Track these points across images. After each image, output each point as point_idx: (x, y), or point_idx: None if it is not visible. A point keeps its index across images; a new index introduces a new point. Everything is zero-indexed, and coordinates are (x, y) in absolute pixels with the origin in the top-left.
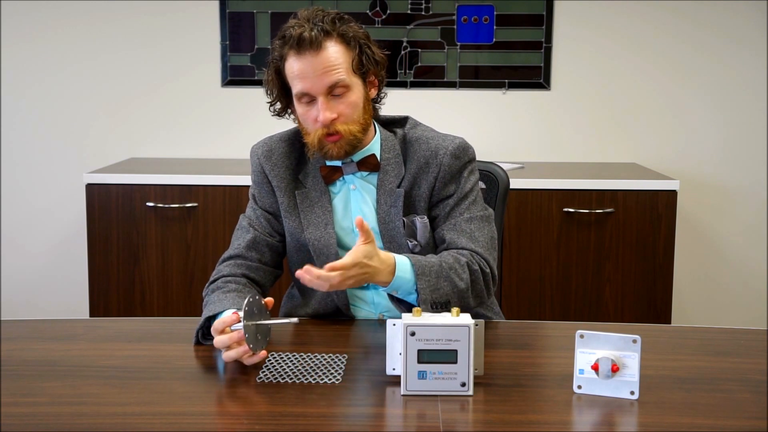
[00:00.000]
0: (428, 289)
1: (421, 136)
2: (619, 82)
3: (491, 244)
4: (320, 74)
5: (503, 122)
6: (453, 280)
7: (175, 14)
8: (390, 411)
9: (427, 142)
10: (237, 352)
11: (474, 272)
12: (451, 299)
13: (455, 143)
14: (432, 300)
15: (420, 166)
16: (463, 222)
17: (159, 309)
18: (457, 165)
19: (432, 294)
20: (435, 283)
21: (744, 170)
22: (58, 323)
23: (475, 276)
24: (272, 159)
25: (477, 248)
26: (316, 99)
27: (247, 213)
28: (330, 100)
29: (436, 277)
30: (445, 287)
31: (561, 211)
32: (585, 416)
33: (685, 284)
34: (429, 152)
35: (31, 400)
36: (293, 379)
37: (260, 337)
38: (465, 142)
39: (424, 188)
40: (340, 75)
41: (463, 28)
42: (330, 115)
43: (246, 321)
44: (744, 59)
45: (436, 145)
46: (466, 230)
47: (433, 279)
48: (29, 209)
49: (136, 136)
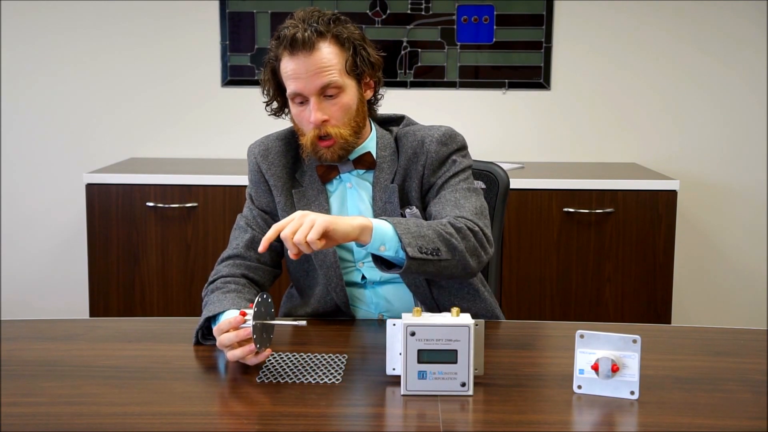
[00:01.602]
0: (410, 235)
1: (409, 131)
2: (619, 82)
3: (479, 210)
4: (312, 75)
5: (503, 122)
6: (436, 229)
7: (175, 14)
8: (390, 411)
9: (414, 134)
10: (242, 351)
11: (459, 229)
12: (440, 247)
13: (441, 131)
14: (419, 246)
15: (409, 157)
16: (448, 194)
17: (159, 309)
18: (445, 151)
19: (417, 240)
20: (417, 230)
21: (744, 170)
22: (58, 323)
23: (463, 233)
24: (269, 158)
25: (462, 213)
26: (308, 100)
27: (245, 213)
28: (322, 101)
29: (417, 226)
30: (429, 234)
31: (561, 211)
32: (585, 416)
33: (685, 284)
34: (416, 142)
35: (31, 400)
36: (293, 379)
37: (265, 335)
38: (452, 129)
39: (415, 178)
40: (333, 76)
41: (463, 28)
42: (321, 116)
43: (255, 320)
44: (744, 59)
45: (423, 135)
46: (450, 200)
47: (413, 227)
48: (29, 209)
49: (136, 136)
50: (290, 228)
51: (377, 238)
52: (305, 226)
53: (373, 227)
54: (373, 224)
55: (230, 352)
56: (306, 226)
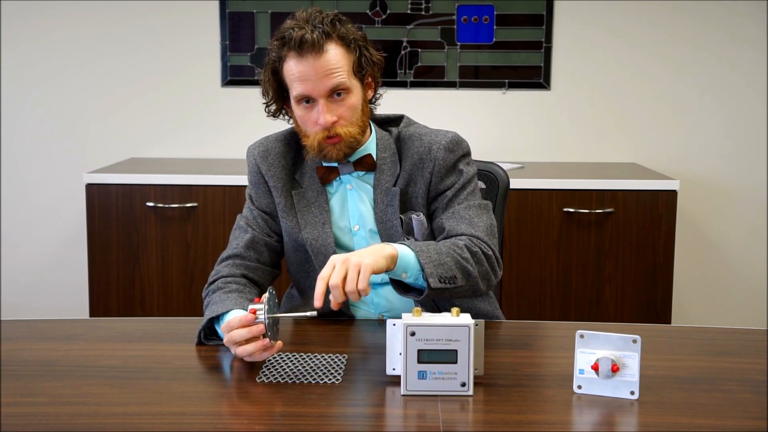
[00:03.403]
0: (432, 264)
1: (414, 134)
2: (619, 82)
3: (491, 230)
4: (322, 77)
5: (503, 122)
6: (454, 256)
7: (175, 14)
8: (390, 411)
9: (420, 139)
10: (255, 346)
11: (474, 253)
12: (457, 275)
13: (448, 137)
14: (438, 275)
15: (414, 163)
16: (462, 209)
17: (159, 309)
18: (452, 158)
19: (437, 268)
20: (437, 258)
21: (744, 170)
22: (58, 323)
23: (477, 258)
24: (269, 159)
25: (476, 233)
26: (315, 101)
27: (245, 213)
28: (330, 103)
29: (437, 253)
30: (448, 262)
31: (561, 211)
32: (585, 416)
33: (685, 284)
34: (423, 148)
35: (31, 400)
36: (293, 379)
37: (275, 329)
38: (458, 135)
39: (421, 185)
40: (342, 78)
41: (463, 28)
42: (331, 117)
43: (266, 314)
44: (744, 59)
45: (429, 141)
46: (465, 217)
47: (434, 254)
48: (29, 209)
49: (136, 136)
50: (338, 276)
51: (401, 266)
52: (352, 273)
53: (398, 255)
54: (399, 252)
55: (241, 348)
56: (353, 272)
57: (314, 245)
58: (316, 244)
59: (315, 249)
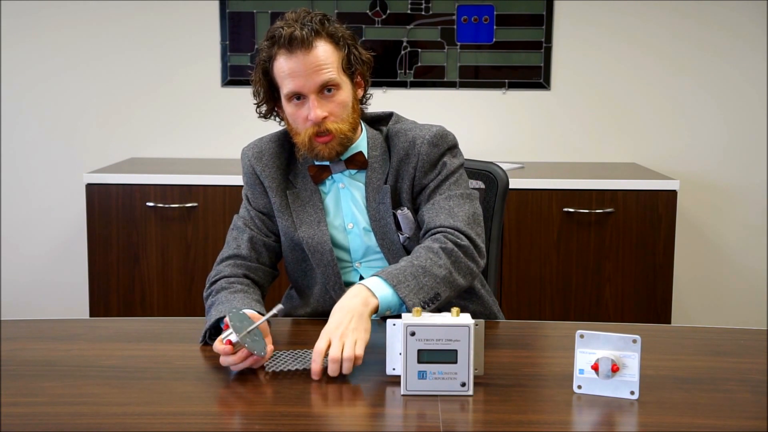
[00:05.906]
0: (411, 293)
1: (401, 130)
2: (619, 81)
3: (472, 219)
4: (311, 73)
5: (503, 122)
6: (432, 272)
7: (175, 14)
8: (390, 411)
9: (405, 134)
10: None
11: (451, 252)
12: (439, 290)
13: (432, 131)
14: (421, 301)
15: (400, 158)
16: (442, 200)
17: (159, 309)
18: (436, 153)
19: (417, 296)
20: (414, 284)
21: (744, 170)
22: (58, 323)
23: (454, 256)
24: (263, 160)
25: (455, 223)
26: (306, 98)
27: (242, 213)
28: (321, 99)
29: (413, 278)
30: (427, 283)
31: (561, 211)
32: (585, 416)
33: (685, 284)
34: (407, 143)
35: (31, 400)
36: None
37: (257, 338)
38: (443, 129)
39: (406, 179)
40: (331, 74)
41: (463, 28)
42: (321, 113)
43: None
44: (744, 59)
45: (414, 136)
46: (444, 207)
47: (411, 281)
48: (29, 209)
49: (136, 136)
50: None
51: (383, 308)
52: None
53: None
54: (379, 298)
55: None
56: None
57: (310, 243)
58: (312, 242)
59: (311, 247)
